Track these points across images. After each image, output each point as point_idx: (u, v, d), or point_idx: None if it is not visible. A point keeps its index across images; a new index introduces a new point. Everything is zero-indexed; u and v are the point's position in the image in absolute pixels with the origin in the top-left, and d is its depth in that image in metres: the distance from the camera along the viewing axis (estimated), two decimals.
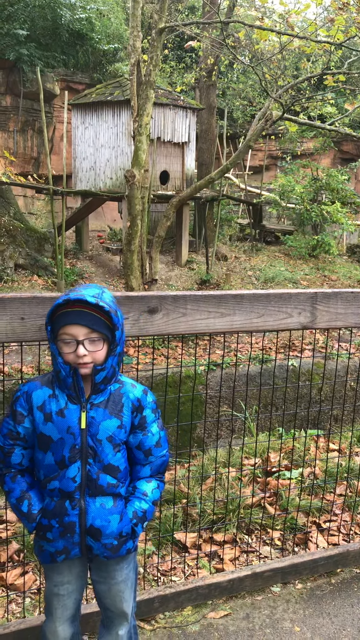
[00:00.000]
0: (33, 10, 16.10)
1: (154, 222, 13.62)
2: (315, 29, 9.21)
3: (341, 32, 8.47)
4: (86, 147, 13.15)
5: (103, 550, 1.82)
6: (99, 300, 1.71)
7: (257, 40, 9.44)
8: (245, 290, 2.50)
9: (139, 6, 9.36)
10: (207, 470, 3.58)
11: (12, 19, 15.84)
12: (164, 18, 8.90)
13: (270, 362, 7.27)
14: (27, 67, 16.19)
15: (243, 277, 12.97)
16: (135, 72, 9.33)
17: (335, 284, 13.26)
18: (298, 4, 9.88)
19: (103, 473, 1.78)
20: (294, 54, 13.57)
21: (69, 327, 1.71)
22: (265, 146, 18.99)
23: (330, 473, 3.58)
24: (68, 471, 1.76)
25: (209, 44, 11.92)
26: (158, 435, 1.89)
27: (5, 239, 10.70)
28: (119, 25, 18.57)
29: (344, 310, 2.52)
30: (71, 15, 16.55)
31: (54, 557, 1.82)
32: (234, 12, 12.97)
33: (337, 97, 16.67)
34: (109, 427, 1.78)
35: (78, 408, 1.76)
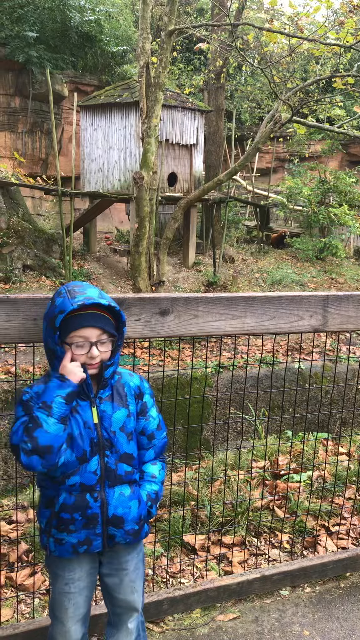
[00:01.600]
0: (42, 12, 16.17)
1: (162, 223, 13.64)
2: (324, 32, 9.21)
3: (351, 35, 8.47)
4: (94, 149, 13.18)
5: (126, 536, 1.87)
6: (110, 301, 1.75)
7: (266, 42, 9.45)
8: (257, 292, 2.49)
9: (149, 8, 9.38)
10: (215, 473, 3.58)
11: (21, 21, 15.91)
12: (174, 20, 8.93)
13: (279, 365, 7.25)
14: (37, 69, 16.25)
15: (250, 280, 12.96)
16: (144, 74, 9.35)
17: (343, 286, 13.23)
18: (307, 6, 9.90)
19: (120, 462, 1.84)
20: (303, 57, 13.58)
21: (83, 330, 1.74)
22: (273, 148, 18.99)
23: (340, 476, 3.56)
24: (89, 465, 1.80)
25: (217, 46, 11.93)
26: (158, 419, 1.96)
27: (14, 240, 10.74)
28: (128, 27, 18.61)
29: (355, 313, 2.51)
30: (80, 17, 16.60)
31: (76, 548, 1.84)
32: (243, 15, 12.98)
33: (346, 100, 16.67)
34: (120, 417, 1.84)
35: (88, 404, 1.81)
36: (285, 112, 10.08)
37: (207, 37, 11.97)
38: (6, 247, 10.60)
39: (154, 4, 13.00)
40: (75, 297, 1.72)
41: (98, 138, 13.08)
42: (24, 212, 12.18)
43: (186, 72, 18.50)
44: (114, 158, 12.84)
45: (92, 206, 13.03)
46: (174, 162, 13.11)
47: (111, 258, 13.57)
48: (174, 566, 2.84)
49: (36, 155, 17.69)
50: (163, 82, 8.95)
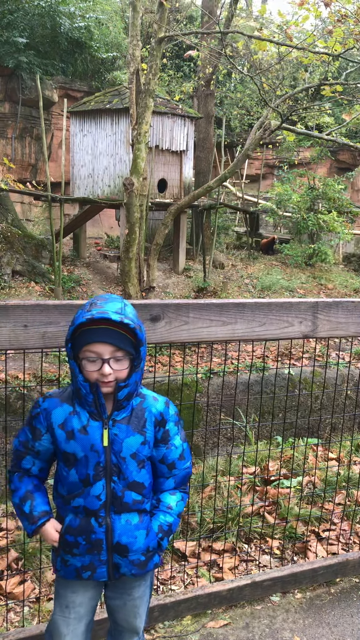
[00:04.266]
0: (32, 18, 16.18)
1: (152, 229, 13.65)
2: (313, 40, 9.30)
3: (339, 44, 8.54)
4: (84, 155, 13.19)
5: (131, 568, 1.79)
6: (124, 317, 1.66)
7: (256, 50, 9.51)
8: (247, 299, 2.50)
9: (139, 16, 9.42)
10: (206, 479, 3.58)
11: (11, 27, 15.91)
12: (164, 28, 8.97)
13: (269, 371, 7.27)
14: (26, 75, 16.25)
15: (240, 285, 12.99)
16: (134, 81, 9.38)
17: (332, 292, 13.29)
18: (296, 15, 9.96)
19: (128, 490, 1.75)
20: (292, 65, 13.69)
21: (95, 345, 1.66)
22: (262, 155, 19.09)
23: (329, 482, 3.58)
24: (93, 489, 1.73)
25: (207, 53, 12.00)
26: (181, 447, 1.85)
27: (3, 246, 10.70)
28: (118, 34, 18.67)
29: (344, 320, 2.53)
30: (70, 23, 16.63)
31: (80, 572, 1.78)
32: (233, 23, 13.07)
33: (335, 108, 16.82)
34: (133, 444, 1.74)
35: (100, 425, 1.72)
36: (275, 119, 10.15)
37: (196, 44, 12.04)
38: None
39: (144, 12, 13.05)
40: (90, 310, 1.66)
41: (88, 144, 13.08)
42: (13, 217, 12.14)
43: (176, 79, 18.58)
44: (103, 164, 12.85)
45: (82, 212, 13.02)
46: (164, 168, 13.15)
47: (101, 264, 13.56)
48: (164, 573, 2.83)
49: (26, 161, 17.65)
50: (153, 89, 8.98)
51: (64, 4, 16.44)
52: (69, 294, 11.03)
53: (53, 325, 2.01)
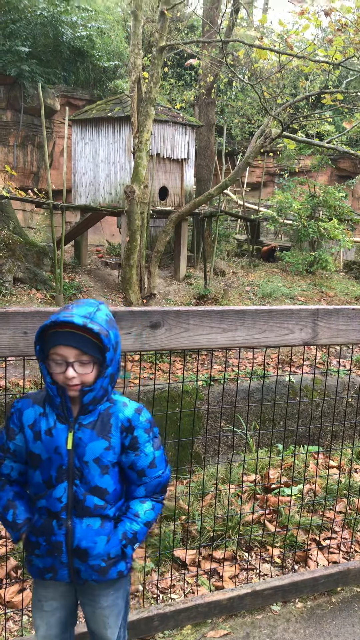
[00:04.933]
0: (35, 27, 16.30)
1: (153, 237, 13.68)
2: (313, 49, 9.34)
3: (339, 53, 8.58)
4: (86, 163, 13.23)
5: (91, 573, 1.78)
6: (88, 322, 1.64)
7: (256, 59, 9.57)
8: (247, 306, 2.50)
9: (140, 25, 9.48)
10: (206, 487, 3.56)
11: (14, 36, 16.02)
12: (165, 37, 9.02)
13: (269, 378, 7.26)
14: (28, 83, 16.34)
15: (241, 293, 13.00)
16: (135, 89, 9.43)
17: (333, 300, 13.29)
18: (297, 24, 10.03)
19: (90, 494, 1.75)
20: (293, 73, 13.75)
21: (60, 348, 1.66)
22: (263, 163, 19.15)
23: (330, 490, 3.56)
24: (55, 491, 1.74)
25: (208, 62, 12.06)
26: (152, 455, 1.82)
27: (4, 253, 10.72)
28: (119, 43, 18.79)
29: (345, 327, 2.53)
30: (72, 33, 16.75)
31: (42, 573, 1.81)
32: (234, 32, 13.14)
33: (335, 116, 16.89)
34: (96, 448, 1.74)
35: (66, 428, 1.73)
36: (275, 127, 10.18)
37: (198, 53, 12.11)
38: None
39: (146, 21, 13.14)
40: (60, 312, 1.67)
41: (89, 152, 13.13)
42: (14, 225, 12.17)
43: (177, 88, 18.66)
44: (105, 172, 12.89)
45: (84, 219, 13.05)
46: (165, 176, 13.19)
47: (102, 271, 13.58)
48: (164, 581, 2.81)
49: (27, 169, 17.72)
50: (154, 97, 9.02)
51: (66, 14, 16.57)
52: (70, 301, 11.04)
53: None
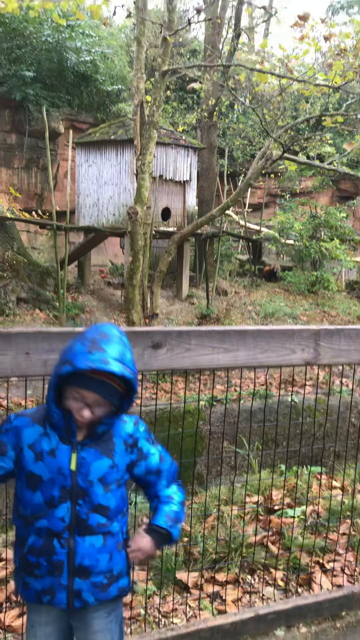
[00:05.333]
0: (40, 53, 16.60)
1: (156, 257, 13.76)
2: (313, 73, 9.50)
3: (339, 76, 8.73)
4: (89, 184, 13.37)
5: (93, 591, 1.76)
6: (124, 369, 1.63)
7: (257, 82, 9.72)
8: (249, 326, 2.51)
9: (143, 50, 9.66)
10: (208, 508, 3.54)
11: (19, 61, 16.31)
12: (167, 61, 9.18)
13: (272, 398, 7.24)
14: (33, 107, 16.60)
15: (243, 312, 13.02)
16: (138, 113, 9.57)
17: (335, 319, 13.30)
18: (297, 49, 10.21)
19: (93, 513, 1.74)
20: (293, 96, 13.94)
21: (81, 390, 1.66)
22: (264, 184, 19.31)
23: (333, 511, 3.53)
24: (57, 511, 1.72)
25: (210, 86, 12.25)
26: (157, 452, 1.86)
27: (8, 274, 10.79)
28: (123, 67, 19.10)
29: (346, 347, 2.53)
30: (76, 58, 17.05)
31: (40, 596, 1.76)
32: (235, 56, 13.36)
33: (336, 138, 17.06)
34: (100, 467, 1.74)
35: (69, 449, 1.72)
36: (277, 149, 10.30)
37: (199, 77, 12.30)
38: (1, 281, 10.64)
39: (148, 46, 13.38)
40: (93, 353, 1.61)
41: (93, 174, 13.28)
42: (19, 246, 12.27)
43: (180, 111, 18.92)
44: (108, 193, 13.02)
45: (87, 240, 13.15)
46: (167, 197, 13.31)
47: (105, 291, 13.63)
48: (166, 605, 2.78)
49: (32, 190, 17.91)
50: (157, 120, 9.15)
51: (71, 40, 16.88)
52: (72, 321, 11.07)
53: (55, 353, 2.01)
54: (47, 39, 16.37)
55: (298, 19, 8.57)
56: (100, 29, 18.35)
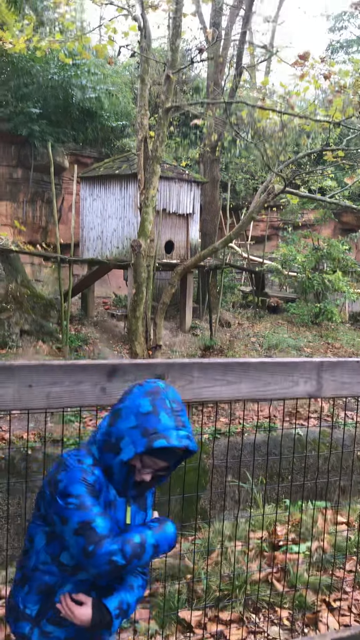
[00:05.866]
0: (46, 90, 17.02)
1: (159, 289, 13.83)
2: (314, 109, 9.69)
3: (339, 112, 8.90)
4: (94, 218, 13.54)
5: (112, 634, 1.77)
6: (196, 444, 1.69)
7: (259, 118, 9.92)
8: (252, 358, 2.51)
9: (147, 87, 9.89)
10: (212, 544, 3.47)
11: (26, 99, 16.71)
12: (170, 98, 9.39)
13: (276, 431, 7.17)
14: (39, 142, 16.93)
15: (247, 344, 13.00)
16: (142, 148, 9.74)
17: (339, 351, 13.26)
18: (297, 86, 10.44)
19: None
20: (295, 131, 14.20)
21: (158, 460, 1.67)
22: (267, 217, 19.51)
23: (339, 547, 3.46)
24: None
25: (212, 122, 12.49)
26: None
27: (12, 306, 10.84)
28: (127, 103, 19.53)
29: (349, 380, 2.52)
30: (82, 94, 17.46)
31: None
32: (237, 93, 13.66)
33: (337, 172, 17.31)
34: (139, 521, 1.80)
35: (124, 502, 1.75)
36: (278, 183, 10.44)
37: (202, 113, 12.57)
38: (4, 313, 10.69)
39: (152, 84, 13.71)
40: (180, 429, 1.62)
41: (97, 207, 13.46)
42: (22, 278, 12.36)
43: (183, 146, 19.26)
44: (112, 226, 13.17)
45: (91, 272, 13.25)
46: (171, 230, 13.45)
47: (108, 322, 13.66)
48: None
49: (36, 224, 18.14)
50: (160, 156, 9.31)
51: (76, 77, 17.31)
52: (75, 353, 11.07)
53: (57, 385, 2.01)
54: (53, 77, 16.80)
55: (299, 58, 8.80)
56: (105, 67, 18.83)
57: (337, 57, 25.07)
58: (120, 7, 9.42)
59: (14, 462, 5.95)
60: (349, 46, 25.63)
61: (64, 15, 12.16)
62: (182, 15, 9.16)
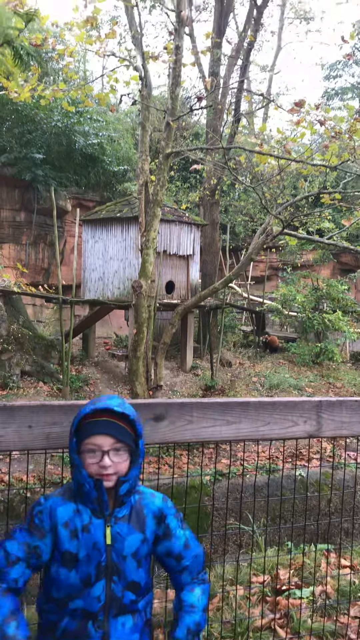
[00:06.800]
0: (49, 137, 17.50)
1: (160, 329, 13.88)
2: (311, 154, 9.94)
3: (335, 157, 9.12)
4: (95, 259, 13.73)
5: None
6: (123, 407, 1.72)
7: (257, 163, 10.16)
8: (251, 397, 2.53)
9: (147, 134, 10.18)
10: (213, 589, 3.41)
11: (30, 145, 17.17)
12: (170, 144, 9.65)
13: (278, 472, 7.09)
14: (42, 187, 17.30)
15: (248, 384, 12.97)
16: (143, 192, 9.96)
17: (340, 391, 13.21)
18: (294, 131, 10.74)
19: (127, 590, 1.71)
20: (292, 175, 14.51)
21: (96, 437, 1.70)
22: (266, 258, 19.74)
23: (343, 592, 3.39)
24: (93, 590, 1.68)
25: (212, 166, 12.79)
26: (184, 537, 1.83)
27: (13, 347, 10.87)
28: (128, 149, 20.04)
29: (348, 419, 2.53)
30: (84, 141, 17.94)
31: None
32: (235, 139, 14.03)
33: (335, 213, 17.59)
34: (134, 542, 1.73)
35: (102, 522, 1.71)
36: (277, 225, 10.61)
37: (202, 159, 12.88)
38: (5, 354, 10.71)
39: (153, 130, 14.11)
40: (94, 402, 1.73)
41: (99, 249, 13.65)
42: (24, 319, 12.43)
43: (183, 189, 19.66)
44: (114, 268, 13.34)
45: (92, 313, 13.34)
46: (171, 271, 13.60)
47: (109, 363, 13.66)
48: None
49: (39, 265, 18.35)
50: (161, 199, 9.51)
51: (79, 124, 17.83)
52: (76, 394, 11.04)
53: (57, 426, 2.02)
54: (56, 124, 17.30)
55: (295, 105, 9.07)
56: (107, 114, 19.40)
57: (333, 103, 25.84)
58: (122, 59, 9.77)
59: (13, 505, 5.87)
60: (343, 93, 26.44)
61: (68, 65, 12.63)
62: (182, 65, 9.50)
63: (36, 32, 12.85)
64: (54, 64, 18.44)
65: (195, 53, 17.04)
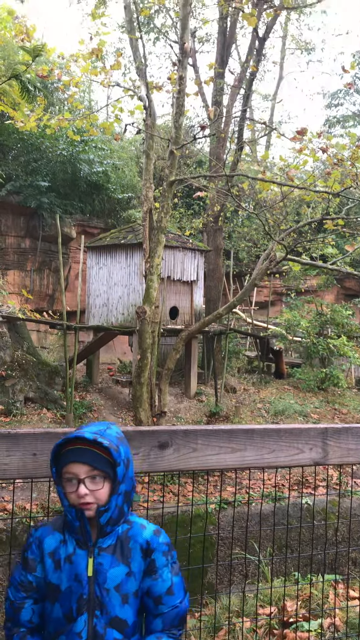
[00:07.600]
0: (55, 165, 17.76)
1: (164, 354, 13.86)
2: (313, 180, 10.03)
3: (337, 183, 9.20)
4: (100, 285, 13.80)
5: None
6: (98, 437, 1.65)
7: (260, 189, 10.25)
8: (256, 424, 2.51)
9: (152, 162, 10.31)
10: (219, 620, 3.34)
11: (35, 173, 17.41)
12: (174, 172, 9.77)
13: (284, 500, 6.99)
14: (47, 214, 17.49)
15: (253, 410, 12.88)
16: (147, 219, 10.04)
17: (346, 417, 13.10)
18: (297, 159, 10.86)
19: (110, 627, 1.61)
20: (295, 202, 14.64)
21: (71, 466, 1.65)
22: (270, 283, 19.81)
23: (352, 624, 3.31)
24: (75, 625, 1.60)
25: (215, 193, 12.92)
26: (170, 581, 1.69)
27: (17, 373, 10.86)
28: (133, 177, 20.29)
29: (355, 446, 2.50)
30: (89, 169, 18.19)
31: None
32: (238, 166, 14.20)
33: (338, 239, 17.70)
34: (117, 575, 1.64)
35: (85, 554, 1.65)
36: (280, 251, 10.67)
37: (205, 186, 13.02)
38: (9, 380, 10.70)
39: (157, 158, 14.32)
40: (68, 434, 1.69)
41: (103, 275, 13.74)
42: (28, 345, 12.44)
43: (187, 216, 19.83)
44: (118, 294, 13.40)
45: (96, 339, 13.34)
46: (175, 296, 13.65)
47: (113, 389, 13.61)
48: None
49: (43, 292, 18.44)
50: (165, 226, 9.58)
51: (84, 153, 18.09)
52: (80, 420, 10.98)
53: None
54: (61, 153, 17.57)
55: (297, 133, 9.19)
56: (111, 143, 19.70)
57: (335, 130, 26.20)
58: (127, 89, 9.96)
59: (16, 534, 5.80)
60: (345, 121, 26.83)
61: (73, 95, 12.86)
62: (185, 95, 9.66)
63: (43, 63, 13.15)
64: (59, 94, 18.80)
65: (198, 83, 17.37)
